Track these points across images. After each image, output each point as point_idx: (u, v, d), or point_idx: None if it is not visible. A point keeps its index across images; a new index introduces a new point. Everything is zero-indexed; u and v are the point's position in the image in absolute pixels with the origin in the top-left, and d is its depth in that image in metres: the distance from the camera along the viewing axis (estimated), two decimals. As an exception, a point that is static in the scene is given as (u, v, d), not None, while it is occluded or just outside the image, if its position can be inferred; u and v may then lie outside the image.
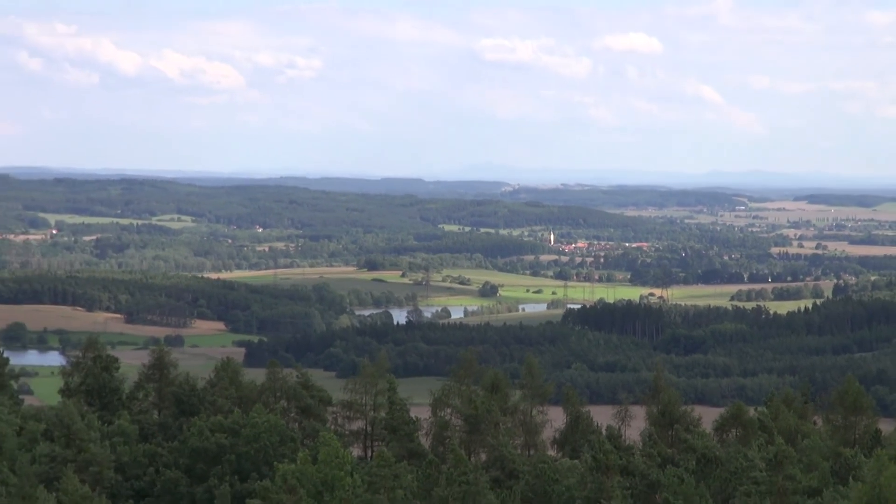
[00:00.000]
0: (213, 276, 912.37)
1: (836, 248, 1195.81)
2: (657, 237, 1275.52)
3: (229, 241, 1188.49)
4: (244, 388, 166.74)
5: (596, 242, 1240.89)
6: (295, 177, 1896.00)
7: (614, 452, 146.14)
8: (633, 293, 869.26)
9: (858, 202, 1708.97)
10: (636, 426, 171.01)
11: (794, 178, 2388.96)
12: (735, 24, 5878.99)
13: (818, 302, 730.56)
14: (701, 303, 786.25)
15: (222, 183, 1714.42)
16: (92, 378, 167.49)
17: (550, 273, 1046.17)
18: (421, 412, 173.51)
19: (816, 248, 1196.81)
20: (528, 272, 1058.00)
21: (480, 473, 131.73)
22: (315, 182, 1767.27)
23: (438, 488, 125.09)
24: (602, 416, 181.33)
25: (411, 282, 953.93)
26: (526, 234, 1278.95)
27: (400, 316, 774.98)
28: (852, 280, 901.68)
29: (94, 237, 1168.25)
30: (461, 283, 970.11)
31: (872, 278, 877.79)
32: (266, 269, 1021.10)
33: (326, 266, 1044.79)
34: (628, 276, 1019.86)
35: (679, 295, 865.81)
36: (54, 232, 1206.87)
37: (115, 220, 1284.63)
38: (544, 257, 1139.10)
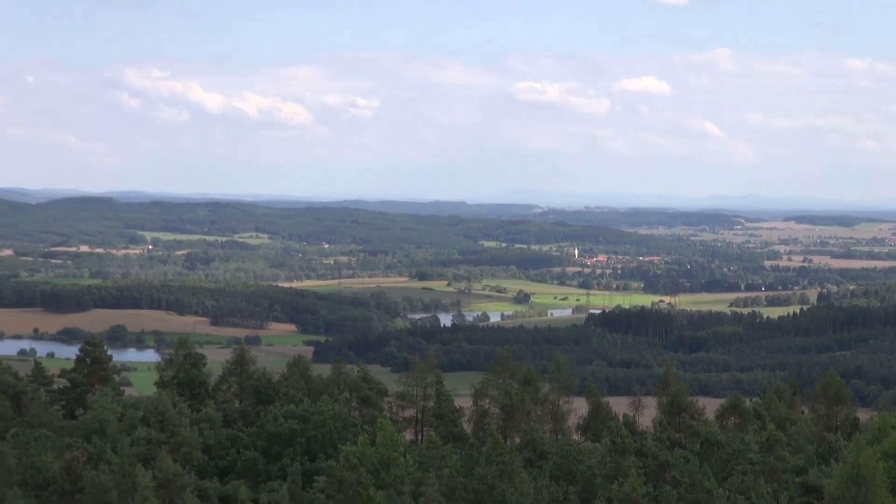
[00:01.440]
0: (286, 285, 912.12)
1: (819, 261, 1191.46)
2: (666, 252, 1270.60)
3: (300, 255, 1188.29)
4: (312, 381, 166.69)
5: (614, 256, 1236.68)
6: (356, 200, 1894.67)
7: (630, 437, 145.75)
8: (646, 300, 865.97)
9: (839, 222, 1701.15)
10: (648, 414, 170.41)
11: (784, 202, 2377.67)
12: (733, 69, 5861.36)
13: (804, 308, 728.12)
14: (704, 308, 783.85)
15: (294, 205, 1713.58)
16: (183, 372, 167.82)
17: (575, 283, 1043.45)
18: (464, 402, 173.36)
19: (803, 261, 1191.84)
20: (555, 282, 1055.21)
21: (515, 454, 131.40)
22: (373, 204, 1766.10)
23: (479, 467, 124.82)
24: (619, 405, 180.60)
25: (455, 290, 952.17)
26: (554, 249, 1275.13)
27: (446, 319, 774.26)
28: (834, 289, 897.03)
29: (184, 252, 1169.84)
30: (498, 291, 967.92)
31: (851, 287, 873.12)
32: (331, 279, 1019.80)
33: (383, 277, 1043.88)
34: (642, 286, 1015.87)
35: (685, 301, 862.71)
36: (150, 247, 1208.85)
37: (202, 237, 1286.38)
38: (570, 269, 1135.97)
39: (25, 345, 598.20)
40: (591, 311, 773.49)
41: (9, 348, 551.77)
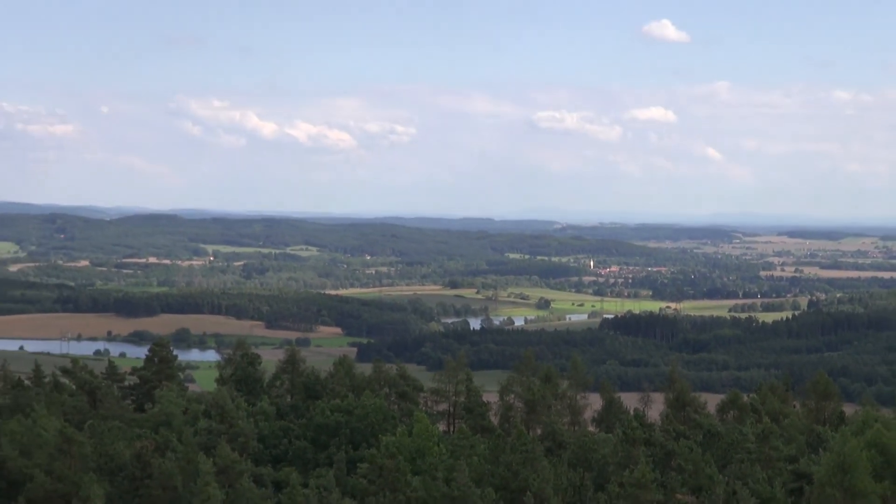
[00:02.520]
0: (333, 292, 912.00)
1: (809, 272, 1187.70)
2: (672, 263, 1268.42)
3: (345, 265, 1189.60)
4: (356, 379, 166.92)
5: (625, 267, 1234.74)
6: (394, 216, 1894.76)
7: (639, 428, 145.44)
8: (654, 306, 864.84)
9: (827, 237, 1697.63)
10: (656, 408, 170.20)
11: (777, 218, 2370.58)
12: (731, 100, 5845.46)
13: (796, 313, 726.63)
14: (706, 313, 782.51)
15: (339, 221, 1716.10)
16: (240, 370, 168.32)
17: (590, 291, 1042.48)
18: (491, 397, 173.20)
19: (795, 272, 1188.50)
20: (573, 290, 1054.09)
21: (536, 444, 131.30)
22: (409, 220, 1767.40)
23: (504, 455, 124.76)
24: (630, 400, 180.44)
25: (484, 297, 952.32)
26: (571, 260, 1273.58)
27: (475, 323, 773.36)
28: (822, 297, 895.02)
29: (241, 263, 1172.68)
30: (522, 298, 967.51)
31: (838, 295, 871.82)
32: (373, 287, 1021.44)
33: (419, 285, 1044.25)
34: (650, 293, 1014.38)
35: (689, 307, 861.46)
36: (211, 259, 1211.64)
37: (258, 249, 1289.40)
38: (586, 278, 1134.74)
39: (100, 346, 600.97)
40: (604, 316, 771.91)
41: (85, 349, 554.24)
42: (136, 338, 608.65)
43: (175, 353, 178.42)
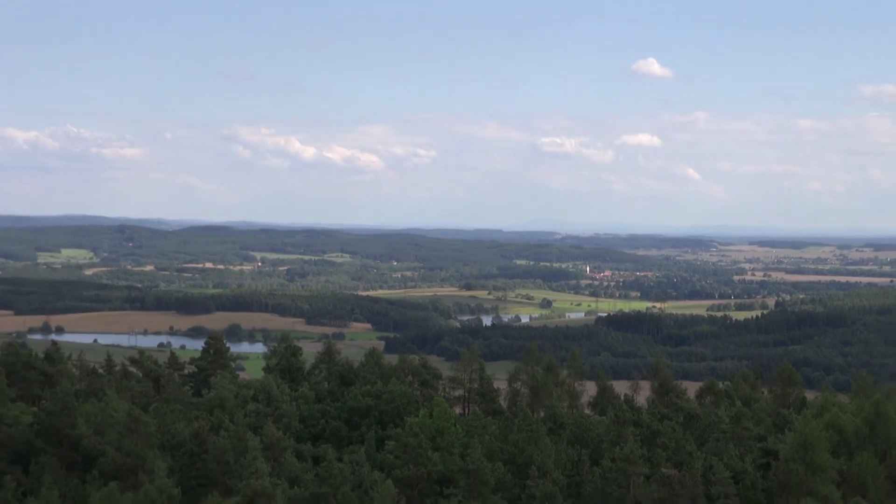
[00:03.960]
0: (364, 293, 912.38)
1: (776, 276, 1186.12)
2: (657, 268, 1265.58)
3: (374, 270, 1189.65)
4: (384, 368, 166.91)
5: (617, 272, 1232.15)
6: (417, 228, 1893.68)
7: (629, 411, 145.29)
8: (642, 305, 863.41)
9: (791, 246, 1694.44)
10: (643, 394, 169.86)
11: (749, 230, 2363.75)
12: (708, 127, 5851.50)
13: (764, 312, 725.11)
14: (686, 312, 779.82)
15: (370, 232, 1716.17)
16: (284, 360, 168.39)
17: (587, 292, 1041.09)
18: (500, 384, 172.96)
19: (764, 276, 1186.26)
20: (572, 291, 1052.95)
21: (540, 425, 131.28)
22: (430, 231, 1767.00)
23: (512, 434, 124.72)
24: (621, 387, 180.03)
25: (494, 297, 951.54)
26: (570, 266, 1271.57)
27: (487, 320, 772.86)
28: (787, 297, 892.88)
29: (285, 268, 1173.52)
30: (527, 298, 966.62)
31: (801, 296, 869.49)
32: (398, 289, 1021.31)
33: (438, 287, 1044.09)
34: (638, 294, 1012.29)
35: (671, 307, 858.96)
36: (259, 264, 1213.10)
37: (299, 256, 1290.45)
38: (583, 281, 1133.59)
39: (163, 339, 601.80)
40: (599, 314, 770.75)
41: (150, 342, 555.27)
42: (194, 332, 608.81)
43: (227, 345, 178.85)
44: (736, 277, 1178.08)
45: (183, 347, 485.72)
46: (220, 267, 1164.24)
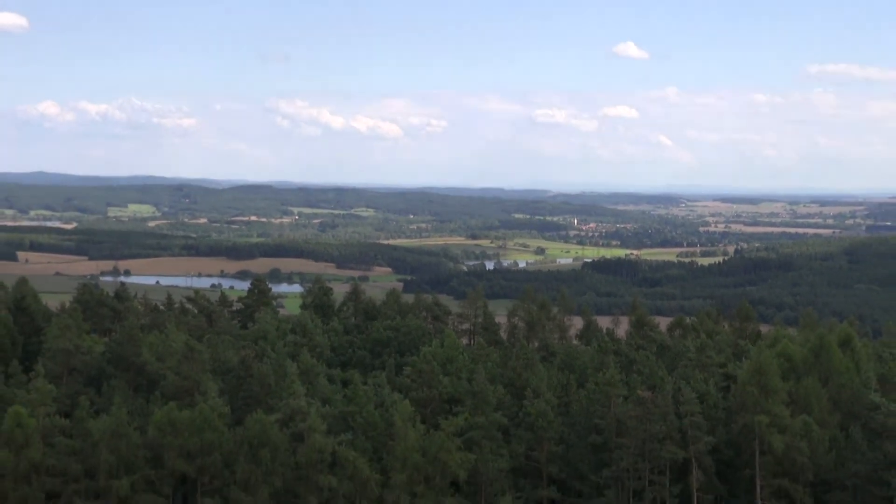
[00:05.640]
0: (386, 242, 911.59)
1: (736, 228, 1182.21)
2: (635, 221, 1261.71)
3: (394, 222, 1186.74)
4: (402, 306, 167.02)
5: (600, 224, 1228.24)
6: (431, 187, 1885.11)
7: (610, 342, 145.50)
8: (621, 252, 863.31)
9: (749, 202, 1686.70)
10: (622, 328, 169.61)
11: (713, 188, 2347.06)
12: (678, 101, 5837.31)
13: (725, 258, 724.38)
14: (659, 258, 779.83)
15: (391, 190, 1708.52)
16: (317, 299, 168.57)
17: (575, 241, 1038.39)
18: (501, 319, 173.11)
19: (725, 228, 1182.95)
20: (562, 241, 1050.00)
21: (534, 354, 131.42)
22: (442, 189, 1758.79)
23: (511, 362, 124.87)
24: (603, 322, 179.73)
25: (496, 246, 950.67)
26: (561, 219, 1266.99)
27: (490, 265, 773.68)
28: (745, 246, 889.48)
29: (318, 221, 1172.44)
30: (524, 246, 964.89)
31: (756, 245, 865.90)
32: (415, 238, 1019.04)
33: (448, 237, 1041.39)
34: (618, 243, 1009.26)
35: (646, 254, 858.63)
36: (296, 218, 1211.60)
37: (330, 210, 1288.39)
38: (571, 232, 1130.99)
39: (215, 281, 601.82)
40: (585, 260, 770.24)
41: (204, 283, 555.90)
42: (241, 275, 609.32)
43: (269, 286, 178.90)
44: (701, 229, 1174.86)
45: (231, 288, 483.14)
46: (263, 220, 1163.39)
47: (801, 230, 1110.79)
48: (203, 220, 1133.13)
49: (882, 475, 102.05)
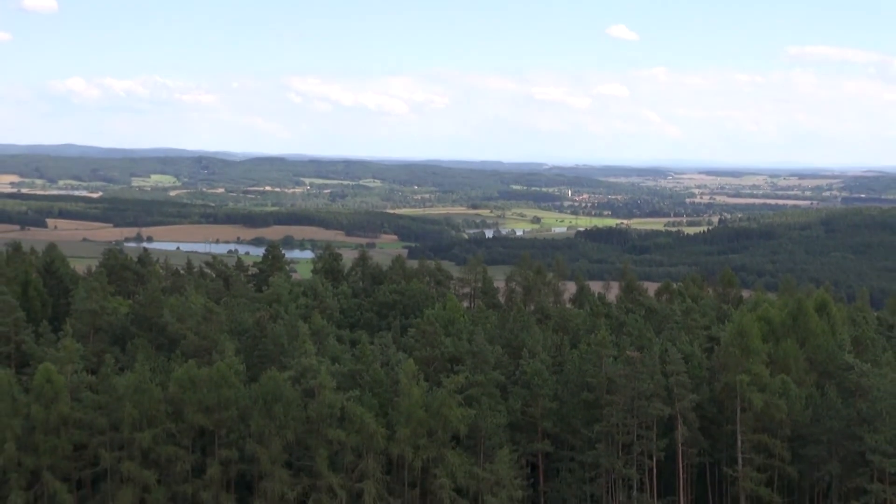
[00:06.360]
0: (392, 211, 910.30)
1: (720, 199, 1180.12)
2: (625, 192, 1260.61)
3: (400, 193, 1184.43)
4: (407, 271, 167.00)
5: (593, 195, 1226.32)
6: (434, 159, 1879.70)
7: (601, 306, 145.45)
8: (612, 222, 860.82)
9: (732, 175, 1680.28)
10: (613, 292, 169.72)
11: (698, 162, 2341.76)
12: (666, 80, 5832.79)
13: (710, 227, 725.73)
14: (648, 227, 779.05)
15: (396, 162, 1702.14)
16: (328, 264, 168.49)
17: (569, 211, 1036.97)
18: (499, 284, 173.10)
19: (709, 199, 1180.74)
20: (557, 211, 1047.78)
21: (530, 316, 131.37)
22: (444, 162, 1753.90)
23: (508, 324, 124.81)
24: (595, 287, 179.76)
25: (495, 215, 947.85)
26: (556, 190, 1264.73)
27: (489, 233, 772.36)
28: (728, 216, 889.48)
29: (328, 190, 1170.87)
30: (521, 216, 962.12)
31: (739, 216, 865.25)
32: (419, 208, 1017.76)
33: (450, 206, 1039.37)
34: (610, 213, 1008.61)
35: (636, 223, 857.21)
36: (308, 188, 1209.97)
37: (340, 181, 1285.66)
38: (566, 203, 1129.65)
39: (232, 247, 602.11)
40: (578, 229, 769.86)
41: (221, 249, 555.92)
42: (256, 242, 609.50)
43: (283, 252, 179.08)
44: (687, 200, 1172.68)
45: (247, 254, 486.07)
46: (277, 190, 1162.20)
47: (780, 202, 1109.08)
48: (221, 190, 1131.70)
49: (855, 430, 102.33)
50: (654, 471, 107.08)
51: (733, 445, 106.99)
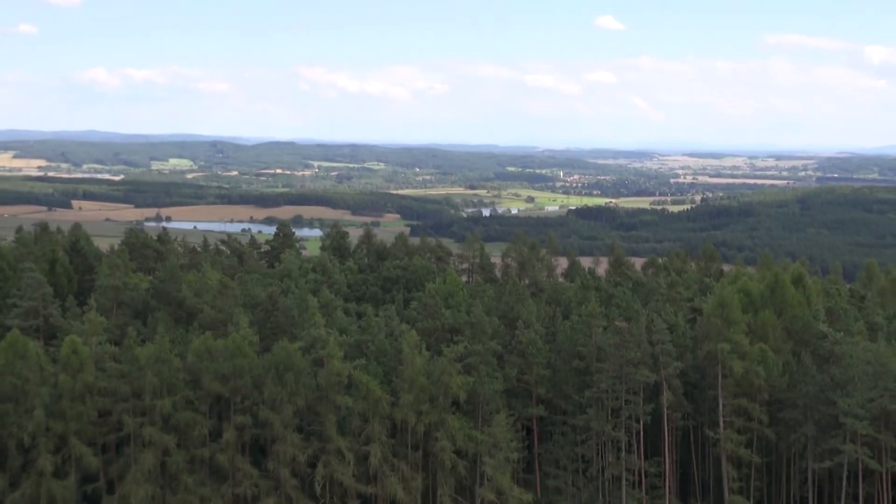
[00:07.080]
0: (395, 192, 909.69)
1: (702, 179, 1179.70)
2: (613, 174, 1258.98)
3: (402, 174, 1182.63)
4: (409, 247, 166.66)
5: (583, 176, 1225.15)
6: (434, 143, 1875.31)
7: (591, 279, 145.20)
8: (601, 201, 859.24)
9: (713, 156, 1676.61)
10: (602, 267, 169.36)
11: (682, 144, 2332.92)
12: (654, 67, 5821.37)
13: (693, 206, 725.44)
14: (634, 206, 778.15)
15: (399, 146, 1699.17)
16: (335, 242, 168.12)
17: (561, 191, 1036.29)
18: (496, 260, 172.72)
19: (692, 179, 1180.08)
20: (549, 191, 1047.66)
21: (525, 289, 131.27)
22: (444, 145, 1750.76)
23: (504, 297, 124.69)
24: (586, 262, 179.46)
25: (492, 195, 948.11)
26: (548, 172, 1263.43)
27: (486, 212, 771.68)
28: (710, 195, 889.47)
29: (336, 173, 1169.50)
30: (516, 196, 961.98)
31: (720, 195, 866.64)
32: (420, 188, 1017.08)
33: (450, 187, 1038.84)
34: (599, 193, 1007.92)
35: (623, 202, 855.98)
36: (316, 170, 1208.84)
37: (346, 164, 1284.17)
38: (558, 183, 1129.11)
39: (245, 226, 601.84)
40: (569, 207, 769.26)
41: (235, 228, 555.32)
42: (268, 221, 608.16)
43: (293, 231, 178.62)
44: (672, 180, 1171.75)
45: (260, 232, 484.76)
46: (287, 172, 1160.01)
47: (759, 181, 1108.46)
48: (234, 173, 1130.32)
49: (828, 395, 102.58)
50: (641, 433, 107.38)
51: (715, 409, 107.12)
